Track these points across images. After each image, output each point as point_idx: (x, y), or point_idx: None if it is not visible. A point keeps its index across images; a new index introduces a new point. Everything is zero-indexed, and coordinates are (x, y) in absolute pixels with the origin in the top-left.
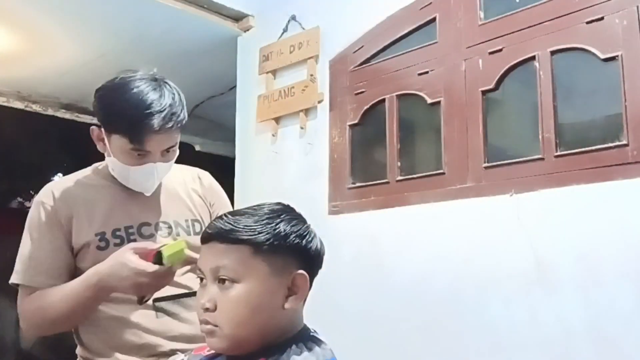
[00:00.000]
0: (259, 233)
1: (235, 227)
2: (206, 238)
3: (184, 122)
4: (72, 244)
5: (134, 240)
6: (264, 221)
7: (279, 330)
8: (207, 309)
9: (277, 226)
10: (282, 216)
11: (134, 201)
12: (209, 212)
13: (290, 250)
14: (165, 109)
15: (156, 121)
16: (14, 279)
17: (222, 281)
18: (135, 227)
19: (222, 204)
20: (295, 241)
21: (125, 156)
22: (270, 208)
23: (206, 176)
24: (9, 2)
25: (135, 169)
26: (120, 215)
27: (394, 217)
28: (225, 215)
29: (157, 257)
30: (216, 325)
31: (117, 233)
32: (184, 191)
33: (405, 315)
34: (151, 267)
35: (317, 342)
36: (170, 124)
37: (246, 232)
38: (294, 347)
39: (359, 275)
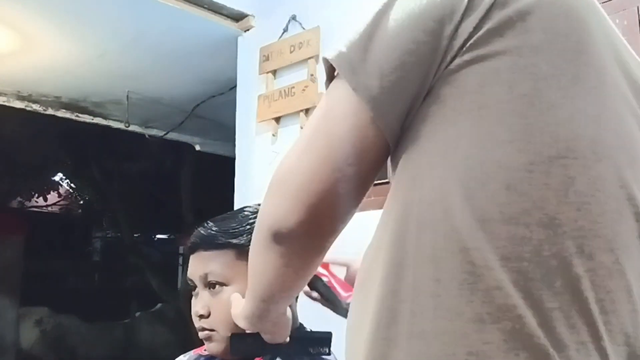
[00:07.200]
0: (240, 235)
1: (217, 232)
2: (192, 248)
3: None
4: None
5: None
6: (245, 223)
7: None
8: (201, 316)
9: None
10: None
11: None
12: None
13: None
14: None
15: None
16: None
17: (212, 286)
18: None
19: None
20: None
21: None
22: (251, 210)
23: None
24: (9, 2)
25: None
26: None
27: None
28: (207, 222)
29: None
30: (213, 330)
31: None
32: None
33: None
34: None
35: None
36: None
37: (228, 235)
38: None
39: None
